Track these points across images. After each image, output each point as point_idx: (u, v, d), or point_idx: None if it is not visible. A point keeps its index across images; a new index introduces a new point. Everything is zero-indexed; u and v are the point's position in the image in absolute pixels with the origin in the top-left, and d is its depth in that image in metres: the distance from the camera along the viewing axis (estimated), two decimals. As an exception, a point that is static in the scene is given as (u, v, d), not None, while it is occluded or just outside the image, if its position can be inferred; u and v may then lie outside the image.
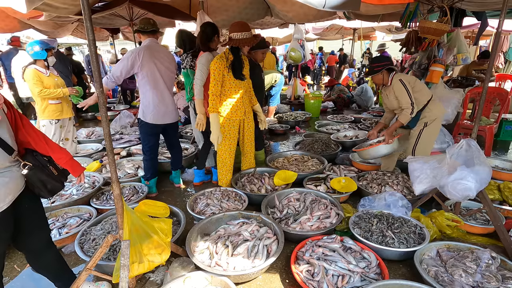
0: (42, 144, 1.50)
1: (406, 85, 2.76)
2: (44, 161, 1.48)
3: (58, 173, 1.53)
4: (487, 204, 2.18)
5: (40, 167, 1.44)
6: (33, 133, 1.49)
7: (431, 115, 2.87)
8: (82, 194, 2.87)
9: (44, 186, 1.46)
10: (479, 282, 1.69)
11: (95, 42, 1.29)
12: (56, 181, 1.50)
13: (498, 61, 9.46)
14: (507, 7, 1.96)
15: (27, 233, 1.52)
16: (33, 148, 1.48)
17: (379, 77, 2.90)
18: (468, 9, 4.09)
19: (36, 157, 1.45)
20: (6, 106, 1.38)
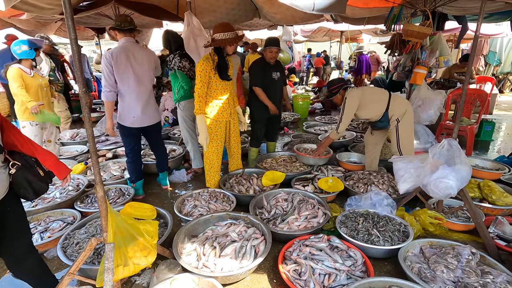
0: (27, 145, 1.49)
1: (346, 103, 2.95)
2: (31, 161, 1.47)
3: (44, 175, 1.51)
4: (468, 202, 2.25)
5: (28, 167, 1.43)
6: (18, 135, 1.48)
7: (397, 111, 2.98)
8: (66, 197, 2.80)
9: (30, 187, 1.44)
10: (460, 277, 1.74)
11: (77, 41, 1.26)
12: (42, 182, 1.48)
13: (478, 64, 9.81)
14: (484, 12, 2.04)
15: (9, 237, 1.47)
16: (19, 150, 1.47)
17: (339, 98, 3.10)
18: (450, 13, 4.22)
19: (24, 157, 1.44)
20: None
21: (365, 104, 2.98)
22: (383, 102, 2.97)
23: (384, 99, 2.97)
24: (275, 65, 3.46)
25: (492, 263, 1.87)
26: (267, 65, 3.38)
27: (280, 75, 3.52)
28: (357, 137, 4.66)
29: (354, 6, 4.08)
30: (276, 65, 3.48)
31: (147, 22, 5.10)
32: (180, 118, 3.49)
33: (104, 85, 2.64)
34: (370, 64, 9.01)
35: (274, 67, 3.44)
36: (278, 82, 3.51)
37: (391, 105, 2.97)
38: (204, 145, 2.82)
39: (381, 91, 3.10)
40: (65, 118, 4.87)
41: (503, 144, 4.90)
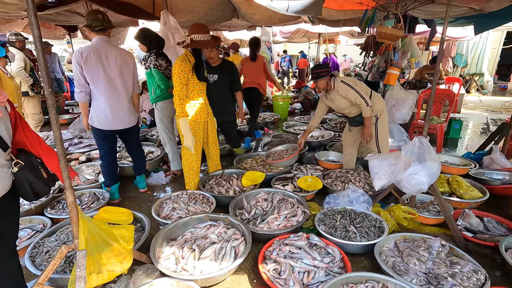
0: (36, 146, 1.48)
1: (349, 83, 2.95)
2: (36, 162, 1.46)
3: (48, 177, 1.50)
4: (438, 197, 2.36)
5: (31, 167, 1.41)
6: (30, 135, 1.48)
7: (377, 107, 3.09)
8: (35, 204, 2.65)
9: (31, 188, 1.43)
10: (431, 268, 1.83)
11: (42, 39, 1.20)
12: (44, 184, 1.47)
13: (447, 65, 10.34)
14: (449, 16, 2.15)
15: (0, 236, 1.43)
16: (27, 150, 1.46)
17: (323, 82, 3.04)
18: (420, 17, 4.42)
19: (29, 158, 1.43)
20: (9, 105, 1.37)
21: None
22: (366, 97, 2.99)
23: (367, 94, 3.03)
24: (215, 66, 3.08)
25: (460, 254, 1.98)
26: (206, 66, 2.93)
27: (220, 78, 3.11)
28: (335, 136, 4.77)
29: (330, 8, 4.18)
30: (216, 67, 3.09)
31: (122, 20, 4.95)
32: (157, 119, 3.41)
33: (76, 85, 2.55)
34: (337, 65, 9.34)
35: (213, 68, 3.07)
36: (215, 87, 3.08)
37: (373, 100, 3.05)
38: (192, 148, 2.73)
39: (365, 86, 3.12)
40: (37, 121, 4.64)
41: (470, 141, 5.19)
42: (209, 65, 3.08)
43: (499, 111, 7.78)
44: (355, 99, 2.95)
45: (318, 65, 3.25)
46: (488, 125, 6.34)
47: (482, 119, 6.89)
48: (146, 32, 3.22)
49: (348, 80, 3.00)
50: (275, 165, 3.48)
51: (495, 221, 2.51)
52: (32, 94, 4.53)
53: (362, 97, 2.92)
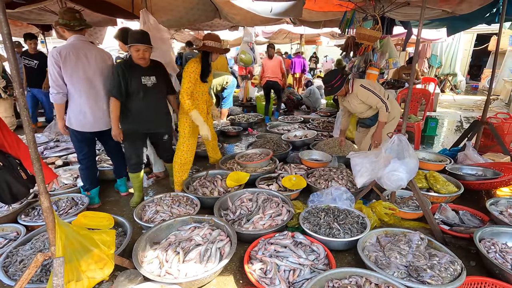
0: (14, 148, 1.43)
1: (369, 88, 2.99)
2: (15, 163, 1.41)
3: (27, 178, 1.45)
4: (416, 192, 2.45)
5: (10, 168, 1.37)
6: (8, 136, 1.42)
7: (389, 115, 3.14)
8: (7, 211, 2.52)
9: (9, 189, 1.38)
10: (411, 261, 1.89)
11: (11, 36, 1.14)
12: (23, 185, 1.43)
13: (423, 66, 10.77)
14: (423, 18, 2.24)
15: None
16: (6, 151, 1.41)
17: (343, 91, 3.08)
18: (396, 19, 4.58)
19: (7, 158, 1.38)
20: None
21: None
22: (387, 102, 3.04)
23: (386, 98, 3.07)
24: (148, 68, 2.67)
25: (437, 246, 2.06)
26: (133, 67, 2.58)
27: (158, 80, 2.72)
28: (318, 136, 4.84)
29: (310, 10, 4.24)
30: (149, 68, 2.68)
31: (99, 19, 4.80)
32: None
33: (52, 86, 2.43)
34: (305, 64, 9.55)
35: (146, 70, 2.65)
36: (152, 90, 2.69)
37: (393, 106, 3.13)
38: (209, 136, 2.92)
39: (383, 89, 3.15)
40: (9, 125, 4.42)
41: (446, 138, 5.42)
42: (138, 66, 2.62)
43: (471, 109, 8.18)
44: (377, 103, 2.99)
45: (328, 77, 3.08)
46: (461, 122, 6.65)
47: (456, 117, 7.22)
48: (125, 31, 3.13)
49: (368, 84, 3.00)
50: (244, 166, 3.52)
51: (469, 213, 2.63)
52: (5, 96, 4.31)
53: (383, 102, 2.96)
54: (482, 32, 10.43)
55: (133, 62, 2.61)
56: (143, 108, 2.69)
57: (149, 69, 2.70)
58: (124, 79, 2.54)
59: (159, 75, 2.76)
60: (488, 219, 2.53)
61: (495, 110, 6.34)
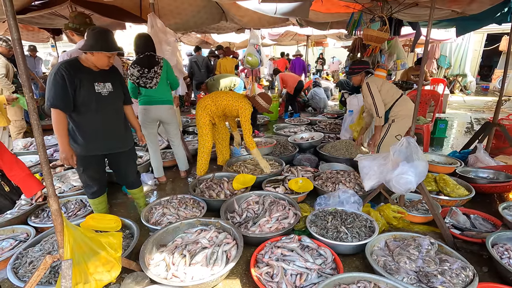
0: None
1: (371, 89, 3.05)
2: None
3: (10, 190, 1.39)
4: (426, 195, 2.40)
5: None
6: None
7: (398, 113, 3.17)
8: (18, 213, 2.56)
9: None
10: (421, 267, 1.85)
11: (21, 41, 1.16)
12: (5, 198, 1.38)
13: (432, 67, 10.62)
14: (432, 18, 2.20)
15: None
16: None
17: (358, 78, 3.21)
18: (404, 20, 4.53)
19: None
20: None
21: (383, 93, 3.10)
22: (391, 100, 3.12)
23: (393, 97, 3.13)
24: (102, 72, 2.17)
25: (448, 251, 2.01)
26: (82, 71, 2.07)
27: (114, 88, 2.23)
28: (325, 138, 4.80)
29: (317, 11, 4.23)
30: (103, 72, 2.18)
31: (108, 23, 4.86)
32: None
33: None
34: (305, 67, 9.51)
35: (99, 74, 2.16)
36: (108, 100, 2.20)
37: (396, 105, 3.16)
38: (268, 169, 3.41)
39: (396, 90, 3.21)
40: (19, 128, 4.50)
41: (455, 140, 5.32)
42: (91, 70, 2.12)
43: (482, 111, 8.02)
44: (369, 107, 3.08)
45: (358, 60, 3.29)
46: (472, 124, 6.52)
47: (466, 118, 7.08)
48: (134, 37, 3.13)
49: (373, 85, 3.06)
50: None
51: (481, 218, 2.57)
52: None
53: (375, 107, 3.06)
54: (492, 32, 10.25)
55: (82, 64, 2.07)
56: (97, 123, 2.17)
57: (104, 74, 2.17)
58: (71, 84, 2.00)
59: (116, 81, 2.26)
60: (501, 224, 2.46)
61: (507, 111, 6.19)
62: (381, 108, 3.11)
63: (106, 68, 2.16)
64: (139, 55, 3.06)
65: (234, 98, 3.27)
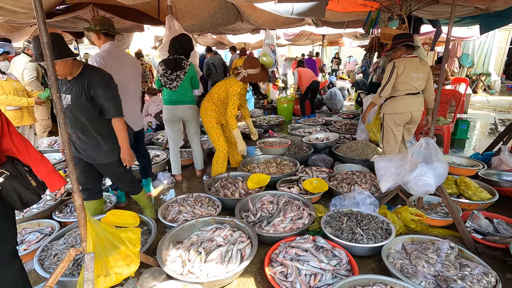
0: (24, 154, 1.44)
1: (393, 71, 2.96)
2: (23, 171, 1.41)
3: (37, 185, 1.46)
4: (446, 198, 2.34)
5: (18, 177, 1.38)
6: (18, 142, 1.43)
7: (384, 109, 3.17)
8: (43, 207, 2.69)
9: (19, 197, 1.39)
10: (440, 271, 1.80)
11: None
12: (33, 193, 1.43)
13: (453, 65, 10.25)
14: (454, 16, 2.14)
15: None
16: (16, 157, 1.42)
17: (398, 53, 3.11)
18: (424, 17, 4.40)
19: (16, 166, 1.38)
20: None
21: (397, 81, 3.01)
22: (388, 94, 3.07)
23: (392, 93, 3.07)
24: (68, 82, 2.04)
25: (469, 256, 1.95)
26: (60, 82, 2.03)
27: (73, 101, 2.03)
28: (341, 138, 4.74)
29: (333, 11, 4.19)
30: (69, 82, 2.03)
31: (127, 26, 5.02)
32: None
33: None
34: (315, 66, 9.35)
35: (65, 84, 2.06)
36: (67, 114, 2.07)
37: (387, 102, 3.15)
38: (244, 152, 3.30)
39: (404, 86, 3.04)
40: (44, 127, 4.71)
41: (478, 142, 5.12)
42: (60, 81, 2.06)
43: (507, 111, 7.67)
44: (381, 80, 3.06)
45: (398, 34, 3.17)
46: (496, 125, 6.25)
47: (490, 119, 6.80)
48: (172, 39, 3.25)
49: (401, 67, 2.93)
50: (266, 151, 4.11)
51: (505, 222, 2.47)
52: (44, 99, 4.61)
53: (383, 86, 3.03)
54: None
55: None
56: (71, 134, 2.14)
57: (69, 84, 2.03)
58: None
59: (78, 93, 2.02)
60: (526, 229, 2.36)
61: (534, 112, 5.92)
62: (387, 91, 3.03)
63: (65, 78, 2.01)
64: (169, 56, 3.19)
65: (222, 83, 3.26)
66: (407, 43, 2.99)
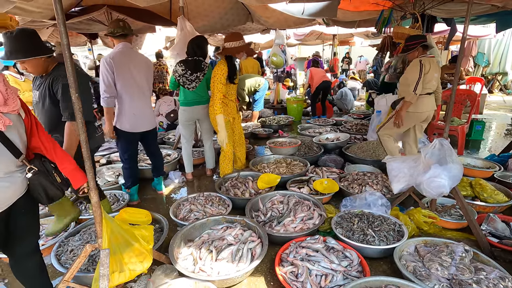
0: (51, 151, 1.52)
1: (422, 69, 2.91)
2: (50, 167, 1.48)
3: (61, 181, 1.53)
4: (460, 200, 2.29)
5: (45, 173, 1.44)
6: (46, 141, 1.51)
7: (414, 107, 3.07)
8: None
9: (45, 192, 1.46)
10: (454, 274, 1.77)
11: (70, 46, 1.26)
12: (57, 188, 1.50)
13: (468, 65, 10.01)
14: (470, 14, 2.09)
15: (17, 236, 1.48)
16: (43, 154, 1.49)
17: (414, 54, 3.07)
18: (438, 16, 4.32)
19: (43, 163, 1.45)
20: (24, 112, 1.40)
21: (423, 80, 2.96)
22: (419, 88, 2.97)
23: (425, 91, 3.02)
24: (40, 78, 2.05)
25: (485, 260, 1.90)
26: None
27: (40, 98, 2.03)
28: (351, 139, 4.70)
29: (345, 10, 4.15)
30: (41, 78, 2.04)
31: (140, 27, 5.10)
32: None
33: (104, 90, 2.60)
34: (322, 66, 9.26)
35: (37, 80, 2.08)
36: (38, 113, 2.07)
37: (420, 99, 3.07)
38: (224, 143, 3.14)
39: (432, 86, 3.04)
40: None
41: (494, 143, 4.99)
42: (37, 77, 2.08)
43: (524, 112, 7.44)
44: (407, 81, 2.96)
45: (412, 36, 3.13)
46: (513, 126, 6.07)
47: (506, 120, 6.60)
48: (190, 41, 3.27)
49: (427, 65, 2.91)
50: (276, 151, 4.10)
51: (522, 226, 2.40)
52: None
53: (416, 84, 2.91)
54: (538, 27, 9.43)
55: None
56: None
57: (41, 79, 2.03)
58: None
59: (44, 90, 1.98)
60: (545, 233, 2.28)
61: (554, 113, 5.72)
62: (420, 88, 2.93)
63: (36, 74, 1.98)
64: (188, 57, 3.22)
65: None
66: (424, 44, 3.00)
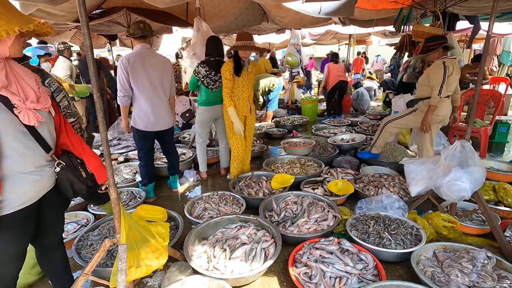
0: (78, 148, 1.58)
1: (446, 71, 2.83)
2: (76, 163, 1.55)
3: (86, 176, 1.59)
4: (482, 205, 2.20)
5: (72, 167, 1.51)
6: (73, 138, 1.58)
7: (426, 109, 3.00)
8: (80, 200, 2.87)
9: (71, 186, 1.53)
10: (475, 281, 1.70)
11: (93, 48, 1.31)
12: (83, 183, 1.56)
13: (492, 64, 9.60)
14: (496, 11, 2.01)
15: (45, 228, 1.55)
16: (70, 150, 1.57)
17: (435, 56, 3.01)
18: (461, 13, 4.17)
19: (70, 158, 1.52)
20: (54, 110, 1.47)
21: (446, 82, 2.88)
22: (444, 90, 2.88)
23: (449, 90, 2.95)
24: None
25: (509, 267, 1.82)
26: None
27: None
28: (367, 140, 4.61)
29: (362, 9, 4.08)
30: None
31: (157, 28, 5.21)
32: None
33: (120, 89, 2.69)
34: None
35: None
36: None
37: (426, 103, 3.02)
38: (242, 132, 3.09)
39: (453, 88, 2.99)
40: None
41: (519, 146, 4.76)
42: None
43: (553, 113, 7.04)
44: (429, 83, 2.91)
45: (432, 37, 3.09)
46: (540, 128, 5.76)
47: (533, 121, 6.28)
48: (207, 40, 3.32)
49: (450, 67, 2.84)
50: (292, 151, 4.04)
51: (550, 233, 2.28)
52: (77, 98, 4.91)
53: (441, 87, 2.82)
54: None
55: None
56: None
57: None
58: None
59: None
60: None
61: None
62: (445, 91, 2.82)
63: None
64: (209, 57, 3.25)
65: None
66: (445, 45, 2.92)
